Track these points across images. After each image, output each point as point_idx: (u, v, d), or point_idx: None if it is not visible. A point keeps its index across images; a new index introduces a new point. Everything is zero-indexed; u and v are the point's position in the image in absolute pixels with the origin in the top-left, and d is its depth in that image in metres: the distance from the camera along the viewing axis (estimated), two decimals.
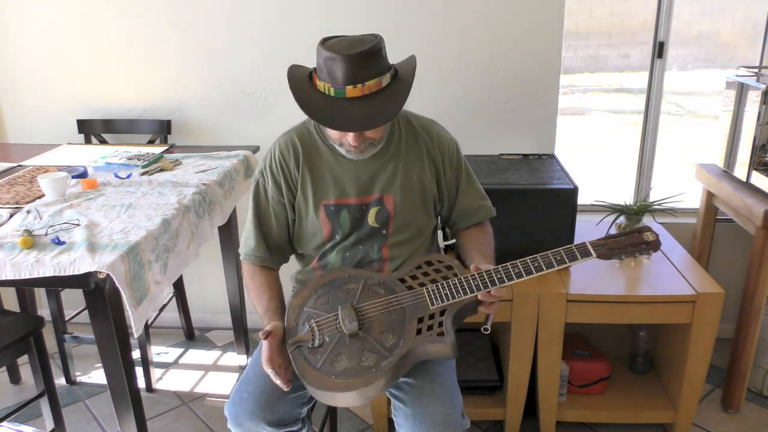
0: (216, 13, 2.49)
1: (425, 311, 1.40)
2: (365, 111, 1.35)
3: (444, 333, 1.36)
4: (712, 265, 2.58)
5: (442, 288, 1.40)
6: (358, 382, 1.32)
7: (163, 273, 1.71)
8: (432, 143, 1.58)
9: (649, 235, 1.37)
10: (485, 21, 2.41)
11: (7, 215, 1.76)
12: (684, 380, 2.04)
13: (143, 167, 2.14)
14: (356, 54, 1.33)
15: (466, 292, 1.37)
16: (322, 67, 1.38)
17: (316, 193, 1.53)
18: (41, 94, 2.67)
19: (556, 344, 2.03)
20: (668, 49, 2.48)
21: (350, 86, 1.34)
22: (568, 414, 2.17)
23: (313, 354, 1.38)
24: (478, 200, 1.65)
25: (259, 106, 2.60)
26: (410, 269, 1.49)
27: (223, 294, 2.60)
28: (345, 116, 1.36)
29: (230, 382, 2.55)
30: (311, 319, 1.44)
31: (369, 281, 1.48)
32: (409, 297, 1.43)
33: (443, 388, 1.44)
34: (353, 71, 1.34)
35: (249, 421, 1.42)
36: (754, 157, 2.12)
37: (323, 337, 1.40)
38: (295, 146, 1.55)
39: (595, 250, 1.36)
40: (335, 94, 1.36)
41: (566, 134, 2.65)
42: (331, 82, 1.36)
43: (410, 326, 1.38)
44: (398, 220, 1.54)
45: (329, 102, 1.37)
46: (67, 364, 2.50)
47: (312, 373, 1.35)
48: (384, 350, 1.35)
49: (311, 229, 1.56)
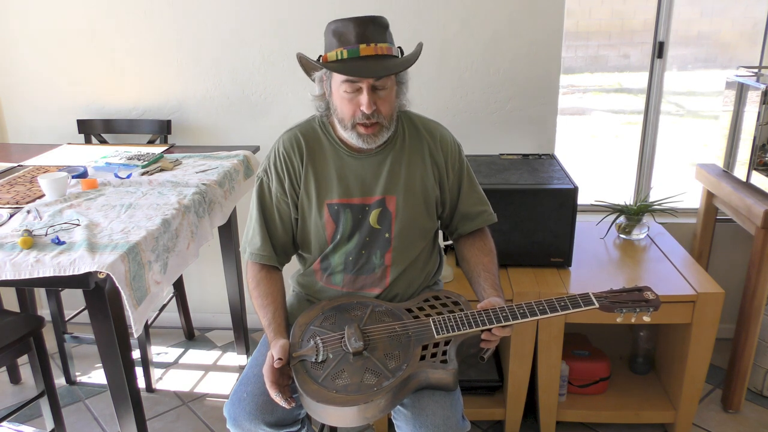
0: (216, 14, 2.49)
1: (430, 339, 1.42)
2: (380, 65, 1.39)
3: (447, 361, 1.38)
4: (712, 265, 2.58)
5: (448, 320, 1.43)
6: (358, 399, 1.32)
7: (163, 273, 1.71)
8: (435, 145, 1.58)
9: (649, 294, 1.41)
10: (485, 21, 2.41)
11: (7, 215, 1.76)
12: (684, 380, 2.04)
13: (143, 167, 2.14)
14: (368, 17, 1.38)
15: (471, 326, 1.40)
16: (332, 38, 1.41)
17: (319, 191, 1.53)
18: (41, 94, 2.67)
19: (556, 344, 2.03)
20: (668, 49, 2.48)
21: (363, 44, 1.38)
22: (568, 414, 2.17)
23: (316, 369, 1.39)
24: (479, 205, 1.65)
25: (259, 106, 2.60)
26: (418, 302, 1.51)
27: (223, 294, 2.60)
28: (360, 66, 1.38)
29: (230, 382, 2.55)
30: (316, 336, 1.44)
31: (377, 308, 1.50)
32: (415, 325, 1.45)
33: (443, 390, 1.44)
34: (365, 31, 1.38)
35: (248, 421, 1.42)
36: (754, 157, 2.12)
37: (327, 354, 1.40)
38: (299, 143, 1.54)
39: (598, 300, 1.40)
40: (349, 54, 1.38)
41: (566, 134, 2.65)
42: (343, 45, 1.39)
43: (414, 351, 1.40)
44: (400, 222, 1.54)
45: (344, 62, 1.39)
46: (67, 364, 2.50)
47: (312, 386, 1.35)
48: (386, 371, 1.36)
49: (314, 228, 1.55)
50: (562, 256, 2.10)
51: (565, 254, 2.11)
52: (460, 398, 1.48)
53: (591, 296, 1.40)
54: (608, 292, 1.42)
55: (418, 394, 1.42)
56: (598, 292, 1.42)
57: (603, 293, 1.42)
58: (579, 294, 1.41)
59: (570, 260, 2.12)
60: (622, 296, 1.41)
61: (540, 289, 1.98)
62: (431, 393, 1.42)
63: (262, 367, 1.49)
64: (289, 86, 2.55)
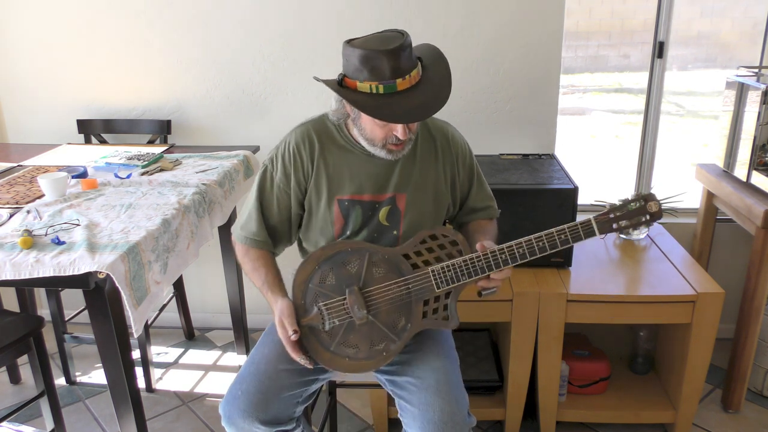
0: (216, 13, 2.49)
1: (431, 294, 1.46)
2: (418, 101, 1.38)
3: (448, 317, 1.46)
4: (712, 265, 2.58)
5: (447, 270, 1.44)
6: (369, 365, 1.46)
7: (163, 273, 1.71)
8: (447, 145, 1.59)
9: (652, 206, 1.38)
10: (485, 21, 2.41)
11: (7, 215, 1.76)
12: (684, 380, 2.04)
13: (143, 167, 2.14)
14: (397, 47, 1.34)
15: (471, 275, 1.43)
16: (360, 67, 1.36)
17: (330, 187, 1.53)
18: (41, 94, 2.67)
19: (556, 344, 2.03)
20: (668, 49, 2.48)
21: (399, 79, 1.36)
22: (568, 414, 2.17)
23: (324, 336, 1.46)
24: (486, 201, 1.68)
25: (259, 106, 2.60)
26: (414, 244, 1.49)
27: (223, 294, 2.60)
28: (404, 109, 1.37)
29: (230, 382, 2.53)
30: (318, 299, 1.47)
31: (373, 257, 1.48)
32: (415, 279, 1.46)
33: (449, 387, 1.45)
34: (398, 64, 1.35)
35: (242, 420, 1.43)
36: (754, 157, 2.12)
37: (333, 321, 1.45)
38: (311, 139, 1.54)
39: (599, 227, 1.38)
40: (385, 90, 1.36)
41: (566, 134, 2.65)
42: (377, 79, 1.35)
43: (416, 309, 1.45)
44: (409, 220, 1.54)
45: (381, 99, 1.36)
46: (67, 364, 2.50)
47: (325, 355, 1.46)
48: (393, 334, 1.45)
49: (321, 223, 1.55)
50: (562, 256, 2.10)
51: (565, 254, 2.11)
52: (466, 395, 1.49)
53: (592, 223, 1.39)
54: (611, 210, 1.39)
55: (423, 391, 1.44)
56: (599, 216, 1.39)
57: (604, 215, 1.39)
58: (580, 222, 1.39)
59: (570, 260, 2.12)
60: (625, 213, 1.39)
61: (540, 288, 1.98)
62: (437, 388, 1.43)
63: (258, 365, 1.50)
64: (289, 86, 2.55)
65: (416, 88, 1.39)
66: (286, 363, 1.50)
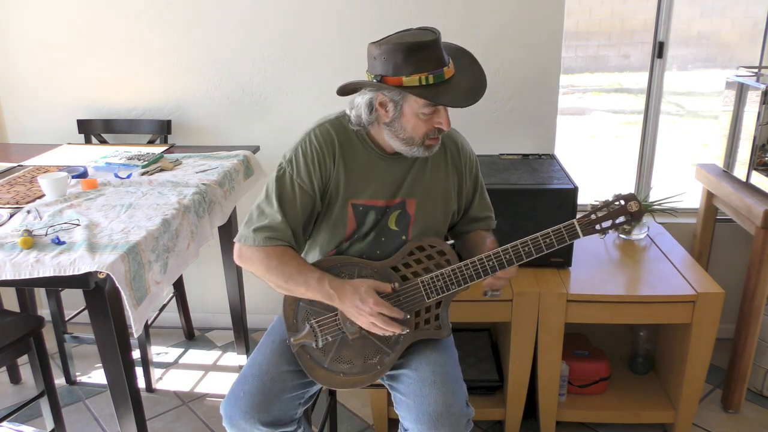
0: (216, 13, 2.49)
1: (422, 305, 1.47)
2: (465, 86, 1.40)
3: (441, 327, 1.48)
4: (712, 265, 2.58)
5: (436, 279, 1.45)
6: (365, 379, 1.48)
7: (163, 273, 1.71)
8: (457, 153, 1.60)
9: (632, 206, 1.39)
10: (485, 21, 2.41)
11: (7, 215, 1.76)
12: (684, 380, 2.05)
13: (143, 167, 2.14)
14: (436, 39, 1.37)
15: (460, 283, 1.44)
16: (406, 61, 1.35)
17: (347, 189, 1.50)
18: (41, 94, 2.67)
19: (556, 344, 2.03)
20: (668, 49, 2.48)
21: (445, 67, 1.38)
22: (568, 414, 2.17)
23: (318, 353, 1.47)
24: (486, 211, 1.69)
25: (259, 106, 2.60)
26: (402, 256, 1.49)
27: (223, 294, 2.60)
28: (460, 93, 1.39)
29: (230, 382, 2.52)
30: (310, 317, 1.47)
31: (362, 271, 1.49)
32: (405, 290, 1.47)
33: (445, 378, 1.45)
34: (441, 54, 1.37)
35: (244, 420, 1.43)
36: (754, 157, 2.12)
37: (326, 337, 1.46)
38: (332, 139, 1.49)
39: (583, 230, 1.40)
40: (435, 80, 1.37)
41: (566, 134, 2.65)
42: (426, 70, 1.36)
43: (408, 320, 1.46)
44: (417, 226, 1.54)
45: (434, 89, 1.37)
46: (67, 364, 2.50)
47: (320, 372, 1.48)
48: (386, 347, 1.46)
49: (334, 222, 1.53)
50: (562, 256, 2.10)
51: (565, 254, 2.11)
52: (463, 385, 1.50)
53: (576, 226, 1.40)
54: (592, 211, 1.41)
55: (419, 383, 1.44)
56: (581, 218, 1.41)
57: (586, 217, 1.40)
58: (564, 225, 1.41)
59: (570, 260, 2.12)
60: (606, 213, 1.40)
61: (540, 288, 1.98)
62: (432, 380, 1.44)
63: (260, 366, 1.50)
64: (289, 86, 2.55)
65: (456, 76, 1.41)
66: (288, 364, 1.50)
